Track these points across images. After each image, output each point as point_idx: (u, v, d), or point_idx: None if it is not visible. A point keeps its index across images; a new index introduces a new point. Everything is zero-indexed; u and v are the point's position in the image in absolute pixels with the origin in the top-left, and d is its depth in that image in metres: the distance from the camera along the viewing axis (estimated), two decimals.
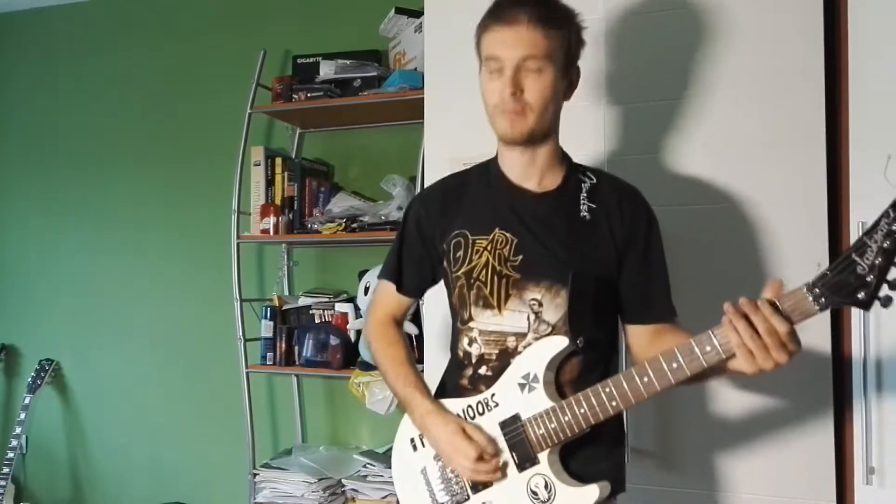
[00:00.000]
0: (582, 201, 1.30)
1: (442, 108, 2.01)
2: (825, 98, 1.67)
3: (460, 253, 1.32)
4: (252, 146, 2.64)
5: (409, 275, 1.43)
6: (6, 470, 2.89)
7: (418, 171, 2.26)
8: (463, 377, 1.33)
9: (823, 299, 1.01)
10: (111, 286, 3.09)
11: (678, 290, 1.37)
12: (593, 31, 1.84)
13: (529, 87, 1.22)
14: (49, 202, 3.22)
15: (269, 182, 2.62)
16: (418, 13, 2.28)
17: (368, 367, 2.32)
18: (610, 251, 1.29)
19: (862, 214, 1.57)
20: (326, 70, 2.52)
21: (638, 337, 1.33)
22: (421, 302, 1.90)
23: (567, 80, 1.29)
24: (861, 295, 0.98)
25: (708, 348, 1.10)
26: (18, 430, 2.93)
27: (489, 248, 1.29)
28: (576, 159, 1.41)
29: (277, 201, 2.60)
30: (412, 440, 1.37)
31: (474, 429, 1.26)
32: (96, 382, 3.12)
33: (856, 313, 1.59)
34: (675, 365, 1.12)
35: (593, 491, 1.21)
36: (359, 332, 2.44)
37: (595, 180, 1.35)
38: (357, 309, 2.50)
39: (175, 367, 2.99)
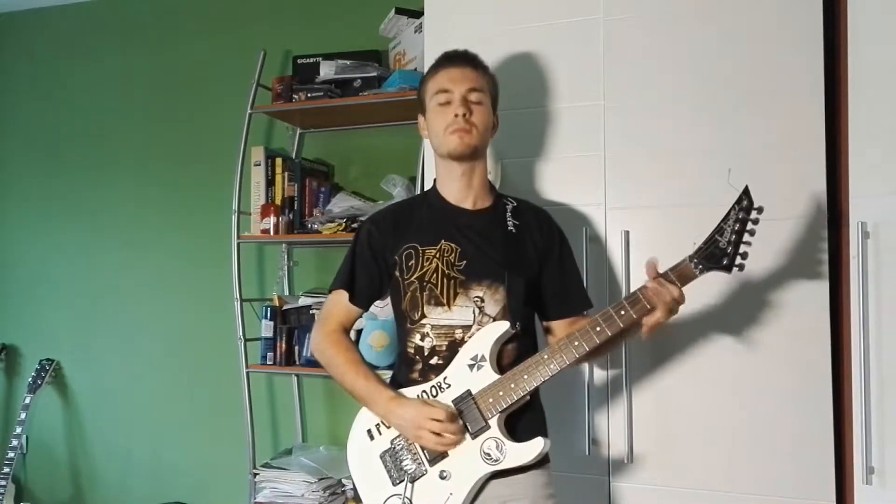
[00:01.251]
0: (508, 218, 1.59)
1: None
2: (825, 98, 1.67)
3: (412, 262, 1.54)
4: (252, 146, 2.64)
5: (361, 285, 1.60)
6: (6, 470, 2.89)
7: (418, 171, 2.26)
8: (413, 371, 1.53)
9: (701, 266, 1.38)
10: (111, 286, 3.09)
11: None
12: (593, 31, 1.85)
13: (474, 113, 1.53)
14: (49, 202, 3.22)
15: (270, 182, 2.62)
16: (418, 13, 2.28)
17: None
18: (533, 257, 1.57)
19: (862, 214, 1.57)
20: (326, 70, 2.52)
21: (560, 328, 1.59)
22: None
23: (494, 118, 1.61)
24: (725, 261, 1.37)
25: (623, 313, 1.40)
26: (19, 429, 2.93)
27: (437, 255, 1.53)
28: (575, 159, 1.56)
29: (277, 201, 2.60)
30: (369, 430, 1.55)
31: (434, 402, 1.47)
32: (96, 382, 3.12)
33: (855, 313, 1.59)
34: (598, 329, 1.42)
35: (539, 442, 1.44)
36: (359, 333, 2.44)
37: (515, 203, 1.63)
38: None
39: (175, 367, 2.99)
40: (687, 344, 1.75)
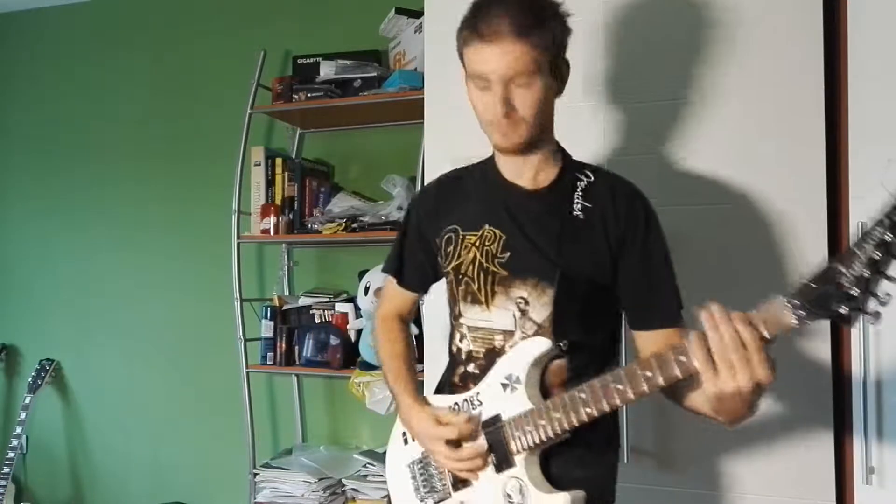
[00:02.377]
0: (576, 199, 1.27)
1: (442, 108, 2.01)
2: (825, 98, 1.67)
3: (451, 248, 1.31)
4: (252, 146, 2.64)
5: (410, 269, 1.45)
6: (6, 470, 2.89)
7: (418, 171, 2.26)
8: (455, 374, 1.34)
9: (803, 312, 0.92)
10: (111, 286, 3.09)
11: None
12: (593, 30, 1.85)
13: (520, 101, 1.19)
14: (49, 202, 3.22)
15: (270, 182, 2.62)
16: (418, 13, 2.28)
17: (368, 367, 2.32)
18: (603, 252, 1.24)
19: (862, 214, 1.57)
20: (326, 70, 2.52)
21: (646, 343, 1.27)
22: (421, 302, 1.89)
23: (558, 79, 1.25)
24: (843, 309, 0.89)
25: (683, 358, 1.02)
26: (19, 429, 2.93)
27: (477, 244, 1.28)
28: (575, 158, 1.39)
29: (278, 201, 2.60)
30: (404, 433, 1.39)
31: (452, 415, 1.25)
32: (96, 382, 3.12)
33: None
34: (648, 374, 1.06)
35: (564, 499, 1.18)
36: (359, 332, 2.44)
37: (592, 178, 1.30)
38: (357, 309, 2.50)
39: (175, 367, 2.99)
40: None
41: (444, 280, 1.38)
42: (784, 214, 1.68)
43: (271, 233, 2.56)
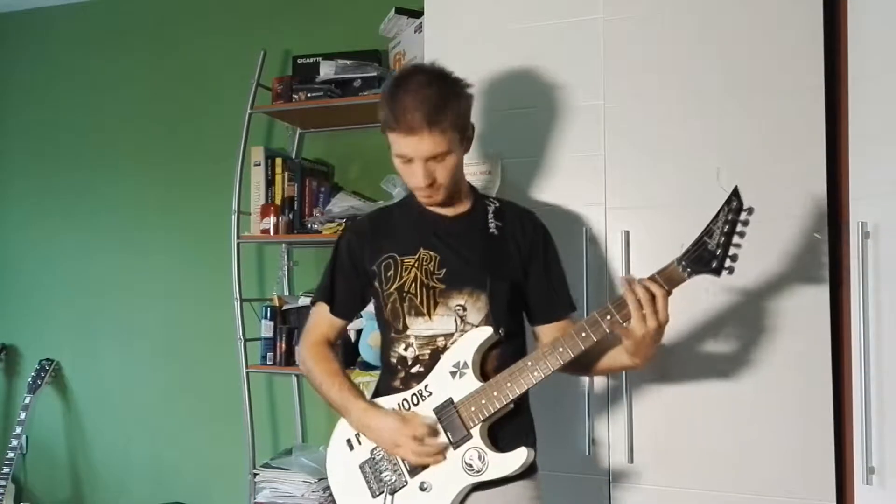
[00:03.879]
0: (490, 220, 1.52)
1: None
2: (825, 98, 1.67)
3: (391, 272, 1.49)
4: (252, 146, 2.64)
5: (342, 296, 1.57)
6: (6, 470, 2.89)
7: None
8: (395, 379, 1.49)
9: (689, 269, 1.31)
10: (111, 286, 3.09)
11: (678, 295, 1.37)
12: (593, 31, 1.85)
13: (439, 173, 1.42)
14: (49, 202, 3.22)
15: (270, 182, 2.62)
16: (418, 13, 2.28)
17: (368, 367, 2.32)
18: (517, 260, 1.50)
19: (862, 215, 1.57)
20: (326, 70, 2.52)
21: (547, 335, 1.51)
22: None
23: (465, 143, 1.47)
24: (714, 264, 1.30)
25: (608, 317, 1.34)
26: (18, 429, 2.93)
27: (416, 265, 1.47)
28: (575, 159, 1.47)
29: (277, 201, 2.60)
30: (348, 440, 1.51)
31: (412, 415, 1.42)
32: (96, 382, 3.12)
33: (855, 314, 1.59)
34: (583, 334, 1.35)
35: (521, 453, 1.39)
36: (358, 333, 2.44)
37: (498, 204, 1.57)
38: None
39: (175, 367, 2.99)
40: (686, 344, 1.75)
41: (380, 302, 1.52)
42: (785, 215, 1.68)
43: (271, 233, 2.56)
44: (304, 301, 2.61)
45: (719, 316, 1.74)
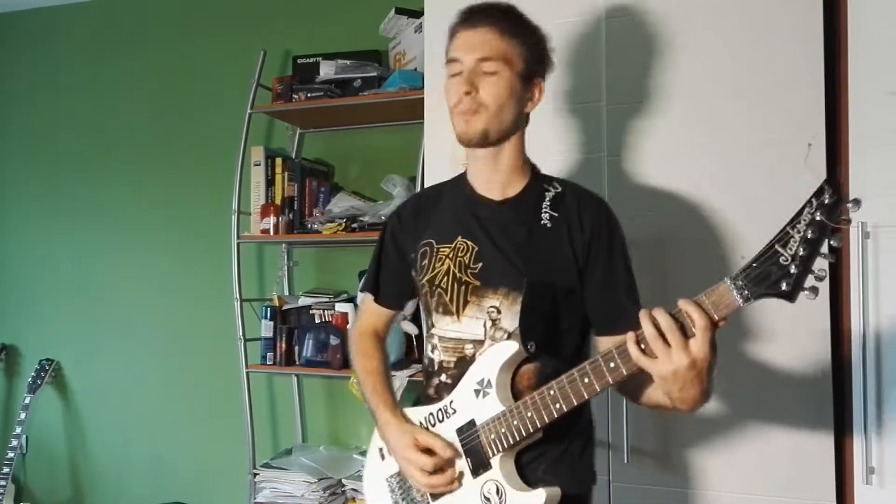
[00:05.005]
0: (544, 209, 1.30)
1: (442, 108, 2.00)
2: (825, 98, 1.67)
3: (426, 261, 1.34)
4: (252, 146, 2.64)
5: (387, 286, 1.47)
6: (6, 470, 2.89)
7: (418, 171, 2.26)
8: (430, 386, 1.36)
9: (746, 291, 0.98)
10: (111, 286, 3.09)
11: (677, 292, 1.37)
12: (593, 31, 1.85)
13: (484, 87, 1.24)
14: (49, 202, 3.22)
15: (270, 182, 2.62)
16: (418, 13, 2.28)
17: None
18: (569, 259, 1.27)
19: (862, 215, 1.57)
20: (326, 70, 2.52)
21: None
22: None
23: (528, 90, 1.30)
24: (784, 286, 0.95)
25: (644, 346, 1.06)
26: (18, 429, 2.93)
27: (451, 255, 1.31)
28: (575, 159, 1.41)
29: (277, 201, 2.60)
30: (381, 449, 1.41)
31: (431, 436, 1.27)
32: (96, 382, 3.12)
33: (855, 313, 1.59)
34: (612, 365, 1.11)
35: (539, 496, 1.20)
36: None
37: (560, 189, 1.34)
38: (357, 309, 2.50)
39: (175, 367, 2.99)
40: None
41: (419, 293, 1.40)
42: (785, 216, 1.68)
43: (271, 233, 2.56)
44: (305, 301, 2.62)
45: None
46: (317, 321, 2.58)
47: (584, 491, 1.32)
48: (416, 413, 1.34)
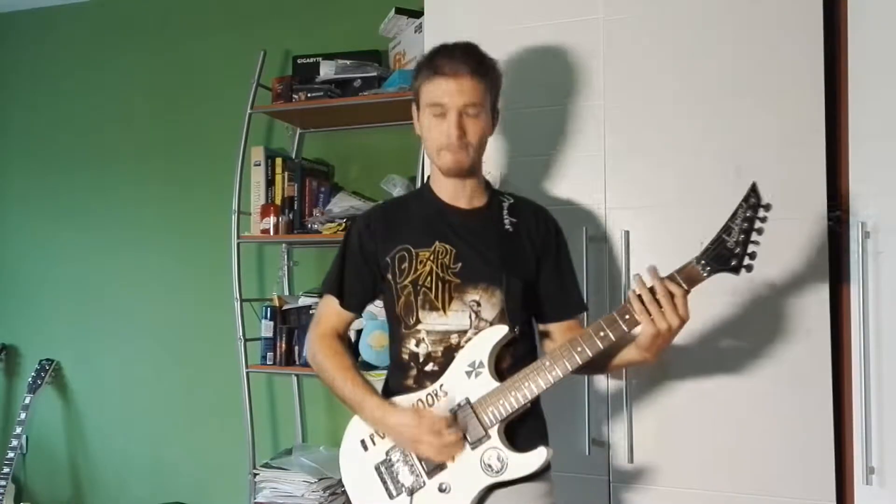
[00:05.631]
0: (504, 216, 1.51)
1: None
2: (825, 98, 1.67)
3: (405, 265, 1.47)
4: (252, 146, 2.64)
5: (351, 289, 1.54)
6: (6, 470, 2.89)
7: (418, 171, 2.26)
8: (408, 378, 1.46)
9: (708, 268, 1.31)
10: (111, 286, 3.09)
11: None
12: (593, 31, 1.85)
13: (470, 129, 1.43)
14: (49, 202, 3.22)
15: (270, 182, 2.62)
16: (418, 13, 2.28)
17: (368, 367, 2.32)
18: (531, 257, 1.50)
19: (862, 214, 1.57)
20: (326, 70, 2.52)
21: (557, 332, 1.53)
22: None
23: (494, 120, 1.51)
24: (733, 262, 1.30)
25: (627, 316, 1.33)
26: (19, 429, 2.93)
27: (432, 258, 1.46)
28: (576, 159, 1.47)
29: (277, 201, 2.60)
30: (363, 441, 1.48)
31: (429, 411, 1.40)
32: (96, 382, 3.12)
33: (855, 313, 1.59)
34: (601, 333, 1.35)
35: (541, 452, 1.38)
36: (359, 333, 2.44)
37: (512, 200, 1.56)
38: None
39: (175, 367, 2.99)
40: (686, 345, 1.75)
41: (393, 295, 1.49)
42: (785, 214, 1.68)
43: (271, 233, 2.56)
44: (305, 301, 2.62)
45: (719, 316, 1.74)
46: None
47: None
48: (404, 400, 1.44)
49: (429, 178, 1.57)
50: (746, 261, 1.30)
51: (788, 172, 1.69)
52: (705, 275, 1.32)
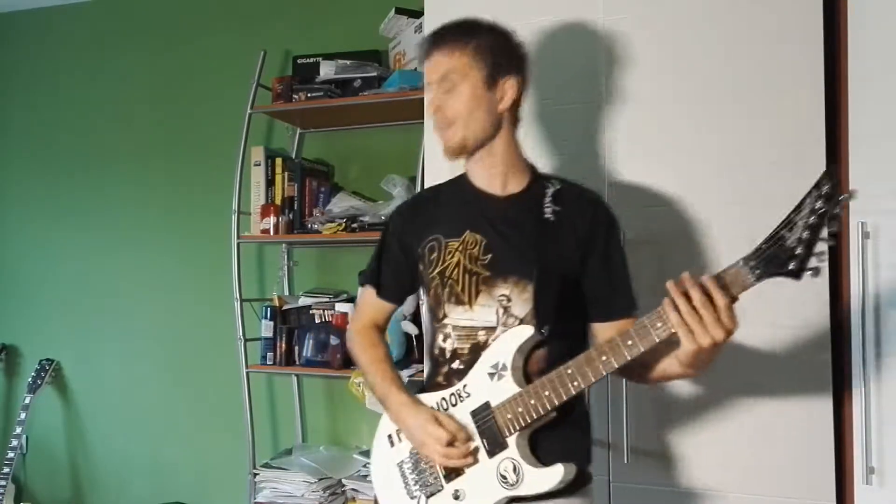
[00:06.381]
0: (546, 204, 1.38)
1: None
2: (825, 98, 1.67)
3: (434, 255, 1.41)
4: (252, 146, 2.64)
5: (388, 280, 1.50)
6: (6, 470, 2.89)
7: (418, 171, 2.26)
8: (439, 374, 1.41)
9: (758, 271, 1.10)
10: (111, 286, 3.09)
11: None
12: (593, 31, 1.85)
13: (447, 104, 1.35)
14: (49, 202, 3.22)
15: (270, 182, 2.62)
16: (418, 13, 2.28)
17: None
18: (573, 250, 1.36)
19: (862, 215, 1.57)
20: (326, 70, 2.52)
21: (605, 334, 1.38)
22: (421, 301, 1.90)
23: (496, 91, 1.36)
24: (791, 265, 1.07)
25: (659, 324, 1.16)
26: (19, 429, 2.93)
27: (460, 248, 1.38)
28: (576, 159, 1.43)
29: (277, 201, 2.60)
30: (389, 436, 1.44)
31: (446, 417, 1.33)
32: (96, 382, 3.12)
33: (855, 313, 1.59)
34: (629, 343, 1.19)
35: (558, 470, 1.26)
36: None
37: (559, 186, 1.43)
38: (356, 303, 2.50)
39: (175, 367, 2.99)
40: None
41: (425, 287, 1.44)
42: (784, 215, 1.68)
43: (271, 233, 2.56)
44: (305, 301, 2.62)
45: None
46: (317, 321, 2.58)
47: (587, 472, 1.38)
48: (429, 398, 1.38)
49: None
50: (812, 262, 1.05)
51: (788, 172, 1.69)
52: (753, 279, 1.11)
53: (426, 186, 1.73)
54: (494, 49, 1.36)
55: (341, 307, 2.54)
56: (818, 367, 1.67)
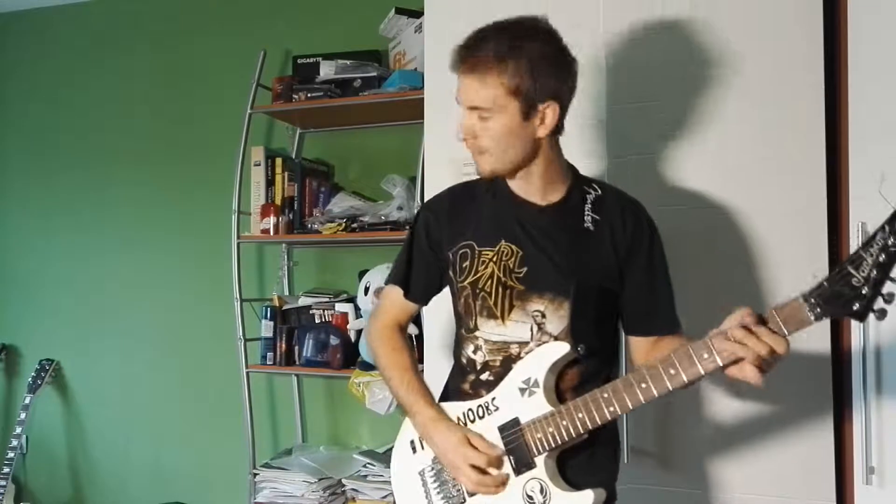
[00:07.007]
0: (586, 212, 1.32)
1: (442, 108, 2.00)
2: (825, 98, 1.67)
3: (466, 263, 1.34)
4: (252, 146, 2.64)
5: (417, 280, 1.43)
6: (6, 470, 2.89)
7: (418, 171, 2.26)
8: (465, 382, 1.36)
9: (819, 309, 1.04)
10: (111, 286, 3.09)
11: (679, 288, 1.37)
12: (593, 33, 1.85)
13: (480, 133, 1.26)
14: (49, 202, 3.22)
15: (270, 182, 2.62)
16: (418, 13, 2.28)
17: (368, 367, 2.32)
18: (612, 261, 1.31)
19: (862, 216, 1.57)
20: (326, 70, 2.52)
21: (639, 347, 1.36)
22: None
23: (535, 118, 1.25)
24: (856, 306, 1.00)
25: (706, 356, 1.12)
26: (19, 429, 2.93)
27: (495, 259, 1.31)
28: (576, 160, 1.41)
29: (277, 201, 2.60)
30: (412, 442, 1.39)
31: (478, 438, 1.27)
32: (96, 382, 3.12)
33: None
34: (672, 371, 1.14)
35: (588, 496, 1.23)
36: (359, 332, 2.44)
37: (600, 192, 1.36)
38: (357, 309, 2.50)
39: (175, 367, 2.99)
40: None
41: (453, 293, 1.40)
42: (785, 214, 1.68)
43: (271, 233, 2.56)
44: (304, 301, 2.62)
45: (718, 315, 1.73)
46: (317, 321, 2.58)
47: (613, 492, 1.35)
48: (453, 408, 1.34)
49: None
50: (878, 304, 0.99)
51: (788, 172, 1.69)
52: (813, 318, 1.05)
53: (427, 185, 1.70)
54: (535, 69, 1.22)
55: (341, 307, 2.54)
56: (818, 367, 1.67)
